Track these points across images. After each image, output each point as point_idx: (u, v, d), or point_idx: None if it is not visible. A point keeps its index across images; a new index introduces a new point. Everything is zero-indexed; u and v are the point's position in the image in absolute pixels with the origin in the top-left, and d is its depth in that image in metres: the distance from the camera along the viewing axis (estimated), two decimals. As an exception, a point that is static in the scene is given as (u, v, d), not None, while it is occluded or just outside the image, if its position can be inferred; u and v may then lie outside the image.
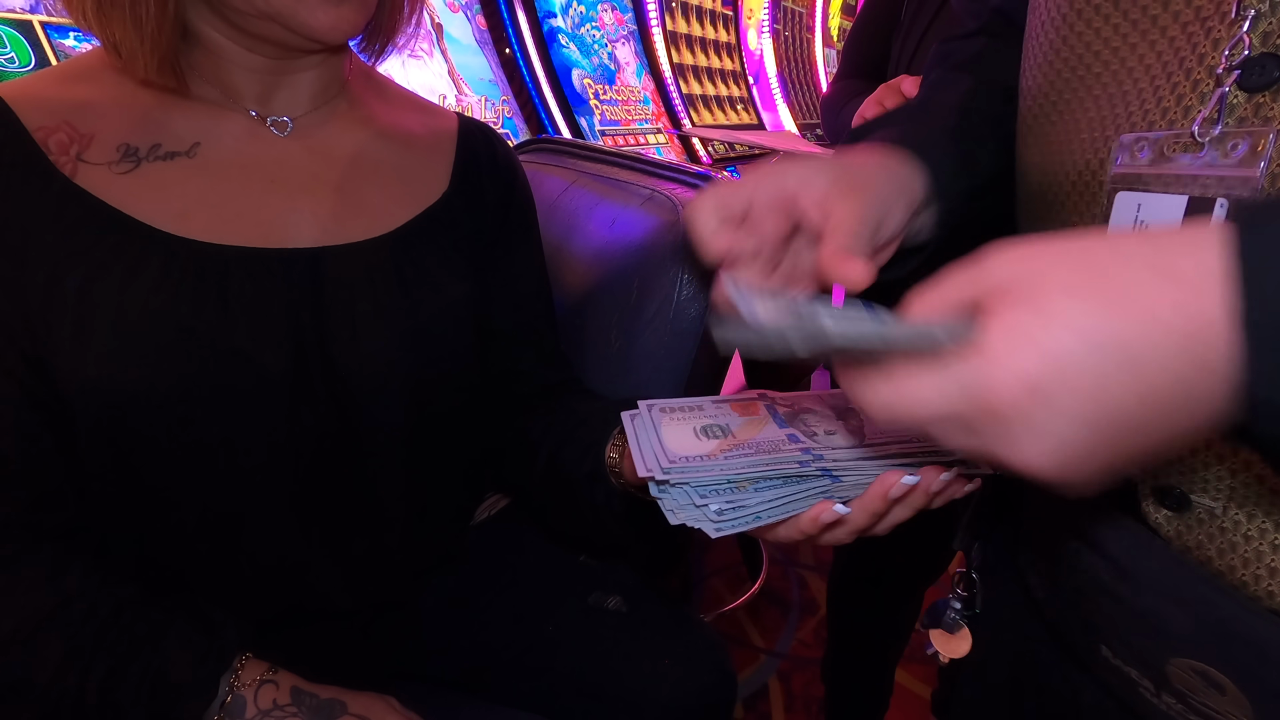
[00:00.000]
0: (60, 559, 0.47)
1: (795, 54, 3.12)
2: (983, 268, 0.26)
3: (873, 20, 1.14)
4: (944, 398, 0.26)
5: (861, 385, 0.28)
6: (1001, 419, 0.24)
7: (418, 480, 0.60)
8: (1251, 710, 0.33)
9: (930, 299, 0.28)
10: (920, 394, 0.26)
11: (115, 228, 0.46)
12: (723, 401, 0.47)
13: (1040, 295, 0.24)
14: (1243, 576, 0.33)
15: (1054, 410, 0.24)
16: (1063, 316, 0.24)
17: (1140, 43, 0.34)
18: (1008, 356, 0.24)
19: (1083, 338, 0.23)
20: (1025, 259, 0.26)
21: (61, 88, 0.49)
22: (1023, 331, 0.24)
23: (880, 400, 0.27)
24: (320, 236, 0.53)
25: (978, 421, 0.25)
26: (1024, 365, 0.24)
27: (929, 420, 0.27)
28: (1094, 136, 0.37)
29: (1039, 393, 0.24)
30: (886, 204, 0.40)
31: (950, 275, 0.27)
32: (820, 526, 0.38)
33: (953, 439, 0.27)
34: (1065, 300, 0.24)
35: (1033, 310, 0.24)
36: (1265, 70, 0.29)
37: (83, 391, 0.46)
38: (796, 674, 1.46)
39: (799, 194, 0.39)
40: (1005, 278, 0.25)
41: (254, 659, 0.49)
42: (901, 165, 0.42)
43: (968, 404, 0.25)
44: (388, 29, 0.58)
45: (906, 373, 0.26)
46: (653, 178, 0.73)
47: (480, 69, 1.67)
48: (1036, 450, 0.24)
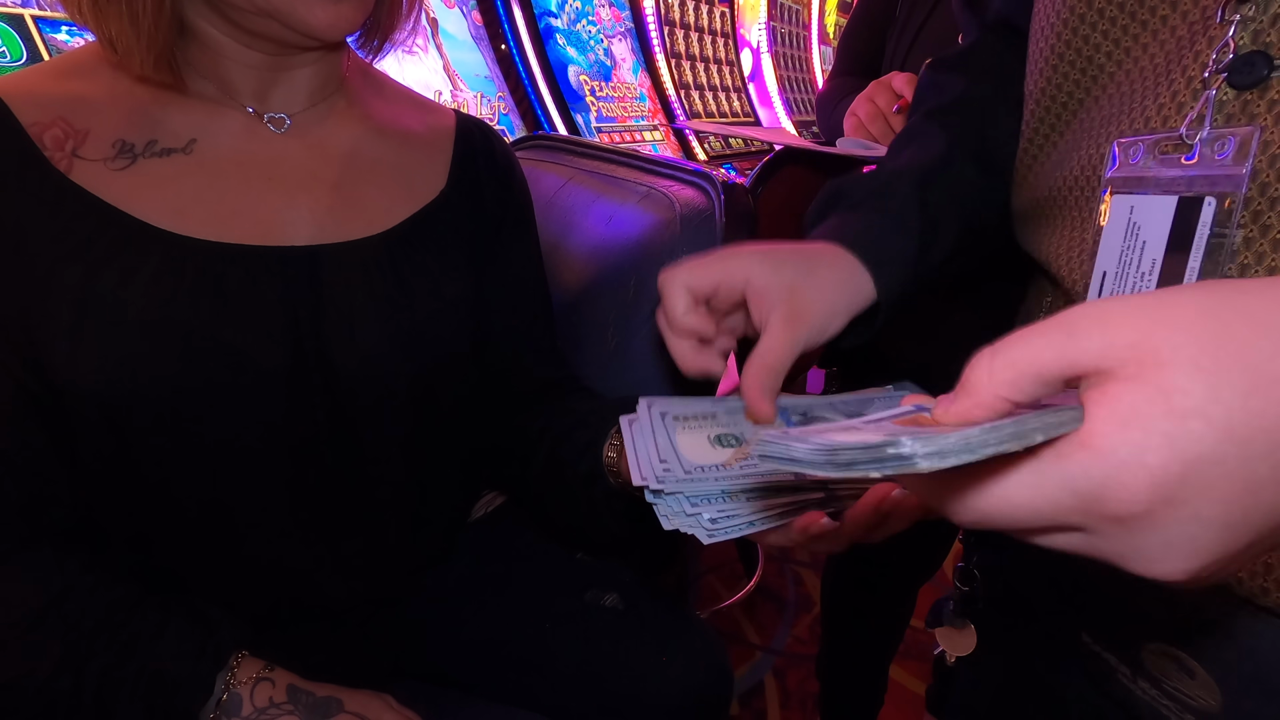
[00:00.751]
0: (56, 556, 0.47)
1: (792, 51, 3.12)
2: (1074, 334, 0.21)
3: (867, 18, 1.14)
4: (1049, 503, 0.21)
5: (943, 494, 0.24)
6: (1124, 525, 0.21)
7: (415, 478, 0.59)
8: (1219, 693, 0.34)
9: (1003, 360, 0.23)
10: (1018, 500, 0.22)
11: (112, 225, 0.46)
12: (735, 408, 0.47)
13: (1160, 372, 0.20)
14: None
15: (1189, 517, 0.20)
16: (1187, 398, 0.20)
17: (1134, 46, 0.35)
18: (1131, 456, 0.20)
19: (1220, 427, 0.19)
20: (1137, 324, 0.21)
21: (56, 83, 0.48)
22: (1143, 420, 0.20)
23: (969, 510, 0.23)
24: (318, 234, 0.53)
25: (1096, 529, 0.22)
26: (1152, 468, 0.20)
27: (1035, 526, 0.23)
28: (1097, 139, 0.37)
29: (1170, 499, 0.20)
30: (822, 328, 0.44)
31: (1031, 342, 0.22)
32: (808, 536, 0.39)
33: (1068, 547, 0.23)
34: (1193, 378, 0.20)
35: (1153, 392, 0.20)
36: (1254, 68, 0.29)
37: (79, 389, 0.46)
38: (792, 670, 1.47)
39: (752, 299, 0.43)
40: (1109, 349, 0.21)
41: (250, 656, 0.49)
42: (852, 277, 0.45)
43: (1082, 510, 0.21)
44: (386, 26, 0.57)
45: (997, 476, 0.22)
46: (649, 174, 0.73)
47: (476, 65, 1.67)
48: (1173, 563, 0.21)
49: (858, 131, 0.91)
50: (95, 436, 0.48)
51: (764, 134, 1.96)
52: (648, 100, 2.20)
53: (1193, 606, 0.34)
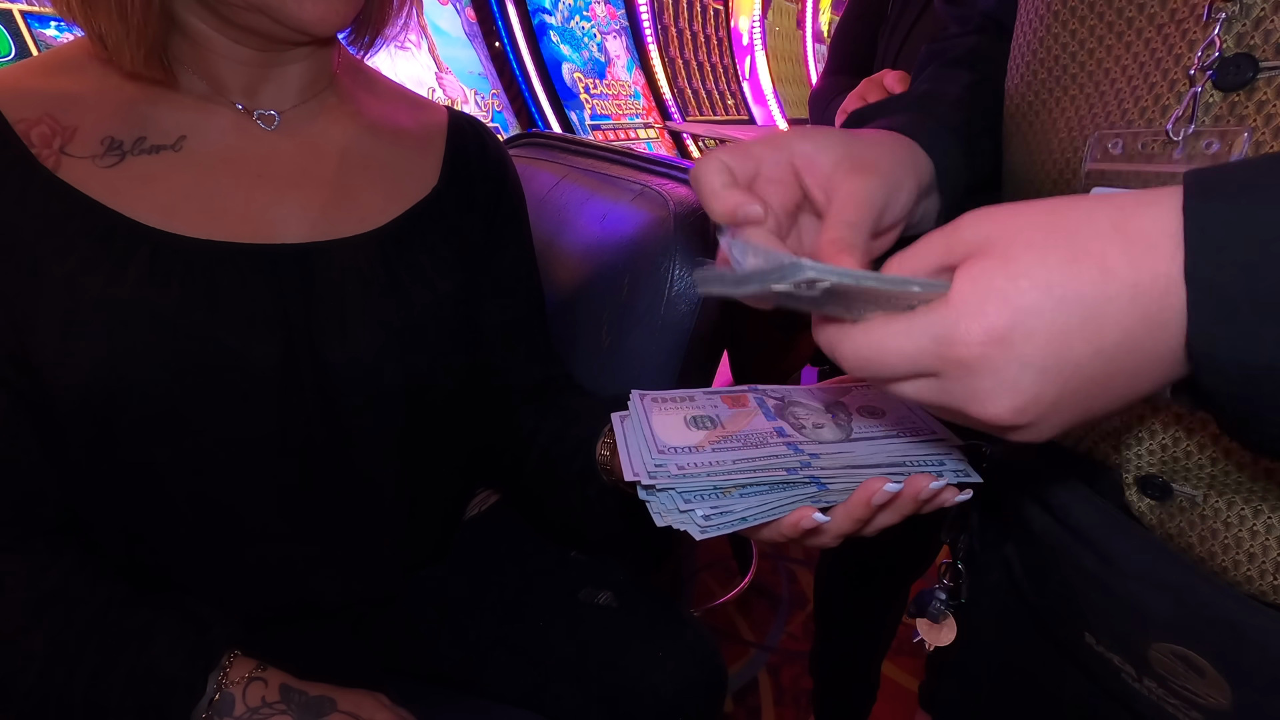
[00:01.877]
0: (46, 556, 0.47)
1: (786, 50, 3.12)
2: (956, 228, 0.27)
3: (859, 16, 1.15)
4: (915, 346, 0.26)
5: (838, 337, 0.29)
6: (967, 368, 0.25)
7: (408, 476, 0.59)
8: (1230, 692, 0.34)
9: (907, 259, 0.29)
10: (892, 342, 0.27)
11: (100, 222, 0.46)
12: (713, 393, 0.48)
13: (1007, 250, 0.25)
14: (1222, 562, 0.34)
15: (1017, 360, 0.25)
16: (1027, 270, 0.25)
17: (1116, 44, 0.35)
18: (975, 308, 0.25)
19: (1045, 290, 0.24)
20: (996, 218, 0.27)
21: (43, 79, 0.48)
22: (989, 283, 0.25)
23: (854, 349, 0.28)
24: (309, 232, 0.52)
25: (945, 371, 0.26)
26: (990, 316, 0.25)
27: (900, 370, 0.27)
28: (1072, 136, 0.37)
29: (1003, 343, 0.25)
30: (894, 184, 0.38)
31: (927, 237, 0.28)
32: (800, 531, 0.39)
33: (921, 394, 0.28)
34: (1029, 254, 0.25)
35: (999, 264, 0.25)
36: (1240, 70, 0.29)
37: (68, 387, 0.45)
38: (786, 667, 1.47)
39: (805, 168, 0.37)
40: (977, 236, 0.26)
41: (242, 656, 0.48)
42: (910, 151, 0.41)
43: (936, 353, 0.26)
44: (377, 22, 0.57)
45: (881, 324, 0.28)
46: (644, 173, 0.73)
47: (470, 62, 1.66)
48: (1000, 401, 0.25)
49: (850, 129, 0.91)
50: (84, 435, 0.47)
51: (756, 134, 1.96)
52: (642, 98, 2.20)
53: (1201, 606, 0.34)
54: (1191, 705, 0.36)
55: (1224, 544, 0.33)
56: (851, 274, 0.26)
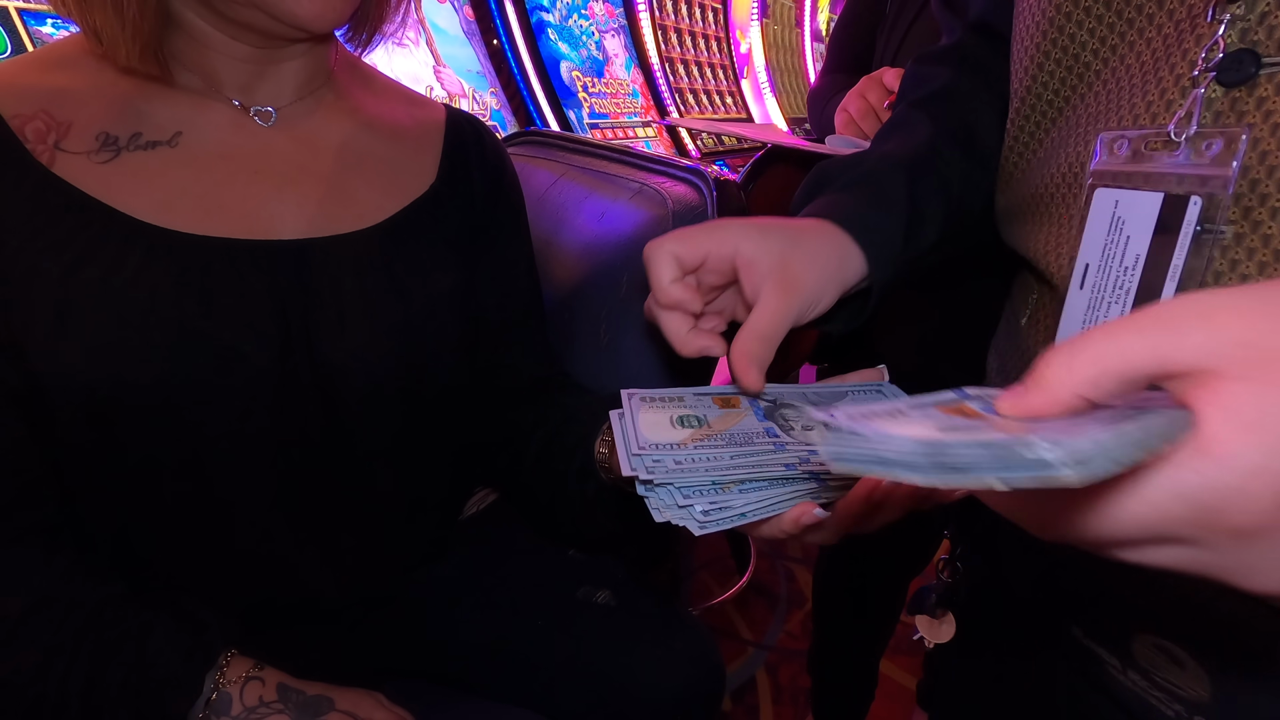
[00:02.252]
0: (41, 555, 0.46)
1: (784, 49, 3.12)
2: (1173, 328, 0.20)
3: (858, 15, 1.15)
4: (1158, 515, 0.20)
5: (1038, 512, 0.22)
6: (1241, 537, 0.19)
7: (406, 474, 0.59)
8: (1209, 683, 0.34)
9: (1081, 367, 0.20)
10: (1126, 514, 0.20)
11: (95, 218, 0.45)
12: (705, 393, 0.47)
13: (1272, 369, 0.18)
14: None
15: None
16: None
17: (1120, 44, 0.35)
18: (1249, 457, 0.18)
19: None
20: (1242, 319, 0.19)
21: (38, 75, 0.48)
22: (1264, 421, 0.18)
23: (1072, 530, 0.21)
24: (306, 228, 0.52)
25: (1207, 541, 0.20)
26: (1273, 468, 0.18)
27: (1134, 542, 0.21)
28: (1085, 136, 0.37)
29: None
30: (815, 299, 0.43)
31: (1118, 331, 0.20)
32: (800, 527, 0.39)
33: (1160, 559, 0.22)
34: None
35: (1273, 391, 0.18)
36: (1242, 66, 0.29)
37: (62, 385, 0.45)
38: (784, 666, 1.47)
39: (743, 269, 0.42)
40: (1216, 346, 0.19)
41: (239, 656, 0.48)
42: (842, 251, 0.45)
43: (1193, 521, 0.19)
44: (375, 19, 0.57)
45: (1104, 490, 0.20)
46: (642, 171, 0.73)
47: (468, 60, 1.66)
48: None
49: (849, 127, 0.91)
50: (79, 433, 0.47)
51: (755, 131, 1.96)
52: (640, 97, 2.19)
53: (1181, 598, 0.34)
54: (1173, 697, 0.36)
55: None
56: (1101, 448, 0.18)
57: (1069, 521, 0.21)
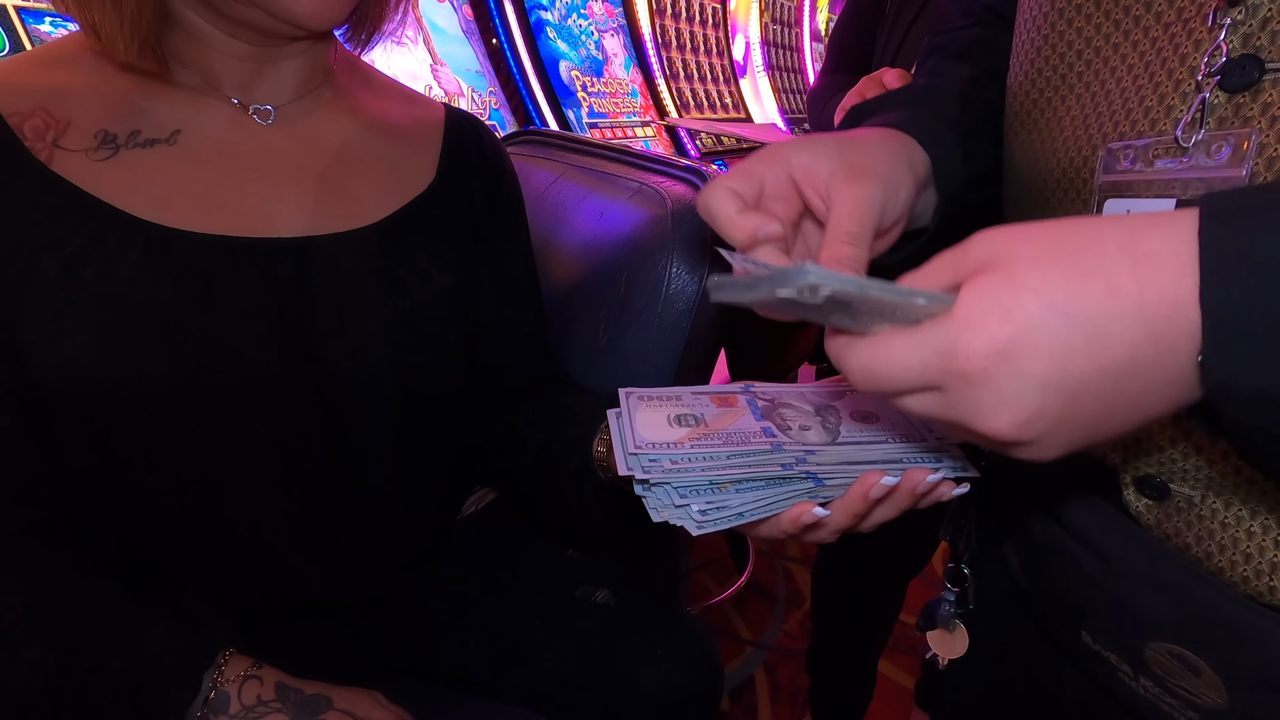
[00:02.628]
0: (39, 553, 0.46)
1: (784, 48, 3.12)
2: (965, 247, 0.28)
3: (858, 15, 1.15)
4: (919, 359, 0.26)
5: (844, 349, 0.29)
6: (970, 381, 0.25)
7: (404, 473, 0.59)
8: (1225, 691, 0.34)
9: (919, 277, 0.29)
10: (897, 355, 0.27)
11: (94, 216, 0.45)
12: (702, 393, 0.47)
13: (1013, 266, 0.25)
14: (1219, 563, 0.34)
15: (1019, 375, 0.24)
16: (1031, 286, 0.24)
17: (1123, 43, 0.34)
18: (978, 322, 0.25)
19: (1049, 306, 0.24)
20: (1004, 236, 0.27)
21: (37, 72, 0.48)
22: (993, 299, 0.25)
23: (859, 362, 0.28)
24: (305, 227, 0.52)
25: (948, 385, 0.26)
26: (992, 330, 0.24)
27: (905, 383, 0.27)
28: (1078, 137, 0.37)
29: (1005, 356, 0.24)
30: (892, 186, 0.38)
31: (938, 256, 0.28)
32: (800, 527, 0.39)
33: (926, 408, 0.28)
34: (1035, 271, 0.25)
35: (1004, 280, 0.25)
36: (1245, 71, 0.29)
37: (60, 383, 0.45)
38: (782, 666, 1.47)
39: (803, 180, 0.38)
40: (985, 253, 0.26)
41: (238, 654, 0.48)
42: (906, 148, 0.41)
43: (940, 366, 0.26)
44: (375, 18, 0.57)
45: (887, 337, 0.28)
46: (641, 170, 0.73)
47: (467, 59, 1.66)
48: (1002, 415, 0.25)
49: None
50: (77, 431, 0.47)
51: (754, 131, 1.96)
52: (640, 96, 2.19)
53: (1197, 606, 0.34)
54: (1188, 705, 0.36)
55: (1220, 544, 0.33)
56: (855, 282, 0.26)
57: (863, 358, 0.28)
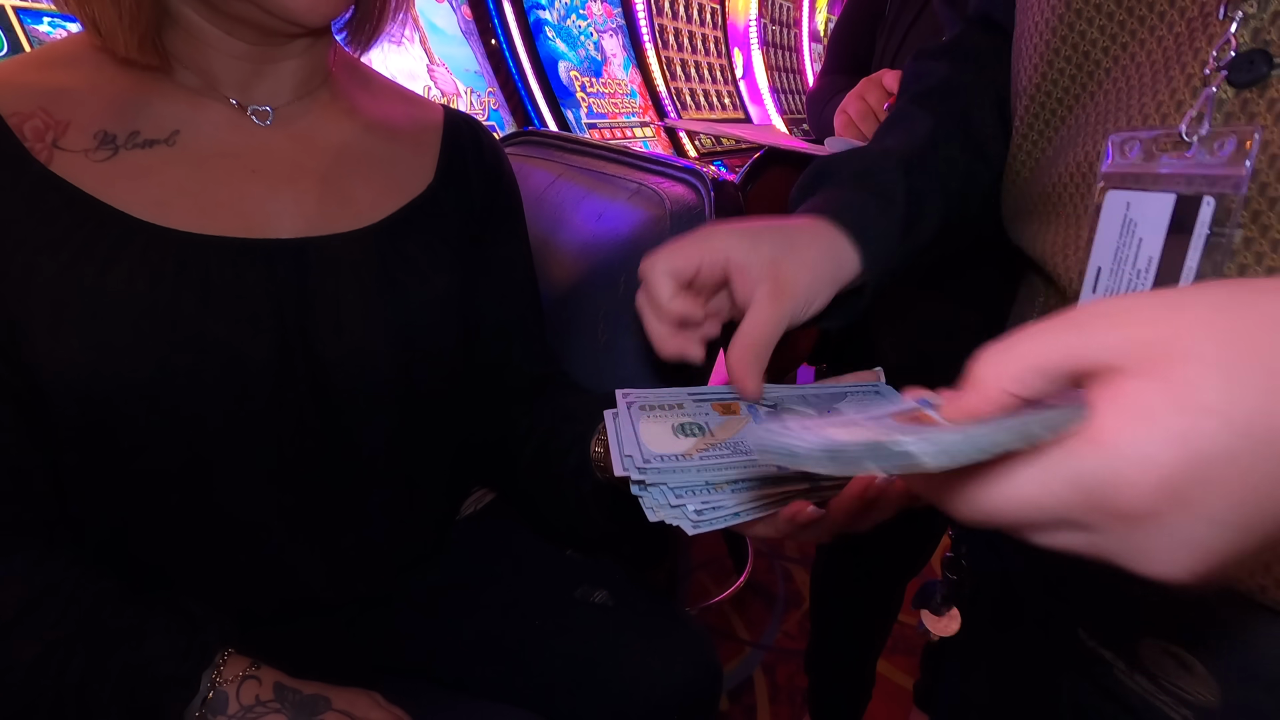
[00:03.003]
0: (37, 553, 0.46)
1: (782, 49, 3.13)
2: (1085, 329, 0.21)
3: (857, 16, 1.15)
4: (1054, 499, 0.21)
5: (947, 493, 0.24)
6: (1128, 521, 0.20)
7: (402, 473, 0.59)
8: (1218, 689, 0.34)
9: (1012, 356, 0.22)
10: (1022, 496, 0.22)
11: (93, 216, 0.45)
12: (703, 399, 0.47)
13: (1173, 369, 0.20)
14: None
15: (1196, 515, 0.20)
16: (1201, 395, 0.19)
17: (1131, 42, 0.34)
18: (1138, 451, 0.20)
19: (1234, 425, 0.19)
20: (1147, 321, 0.20)
21: (37, 73, 0.48)
22: (1150, 413, 0.20)
23: (971, 507, 0.23)
24: (304, 227, 0.52)
25: (1099, 526, 0.21)
26: (1156, 457, 0.19)
27: (1036, 522, 0.23)
28: (1094, 135, 0.37)
29: (1181, 498, 0.19)
30: (808, 301, 0.43)
31: (1038, 334, 0.22)
32: (795, 525, 0.39)
33: (1068, 545, 0.23)
34: (1208, 376, 0.19)
35: (1166, 388, 0.20)
36: (1254, 66, 0.29)
37: (59, 383, 0.45)
38: (781, 666, 1.47)
39: (734, 274, 0.42)
40: (1121, 345, 0.21)
41: (236, 654, 0.48)
42: (835, 253, 0.45)
43: (1085, 506, 0.21)
44: (375, 19, 0.57)
45: (1000, 472, 0.22)
46: (640, 171, 0.73)
47: (466, 60, 1.66)
48: (1178, 563, 0.21)
49: (848, 129, 0.91)
50: (75, 431, 0.47)
51: (753, 132, 1.96)
52: (639, 97, 2.19)
53: (1192, 604, 0.34)
54: (1182, 702, 0.36)
55: None
56: (968, 441, 0.20)
57: (977, 502, 0.23)
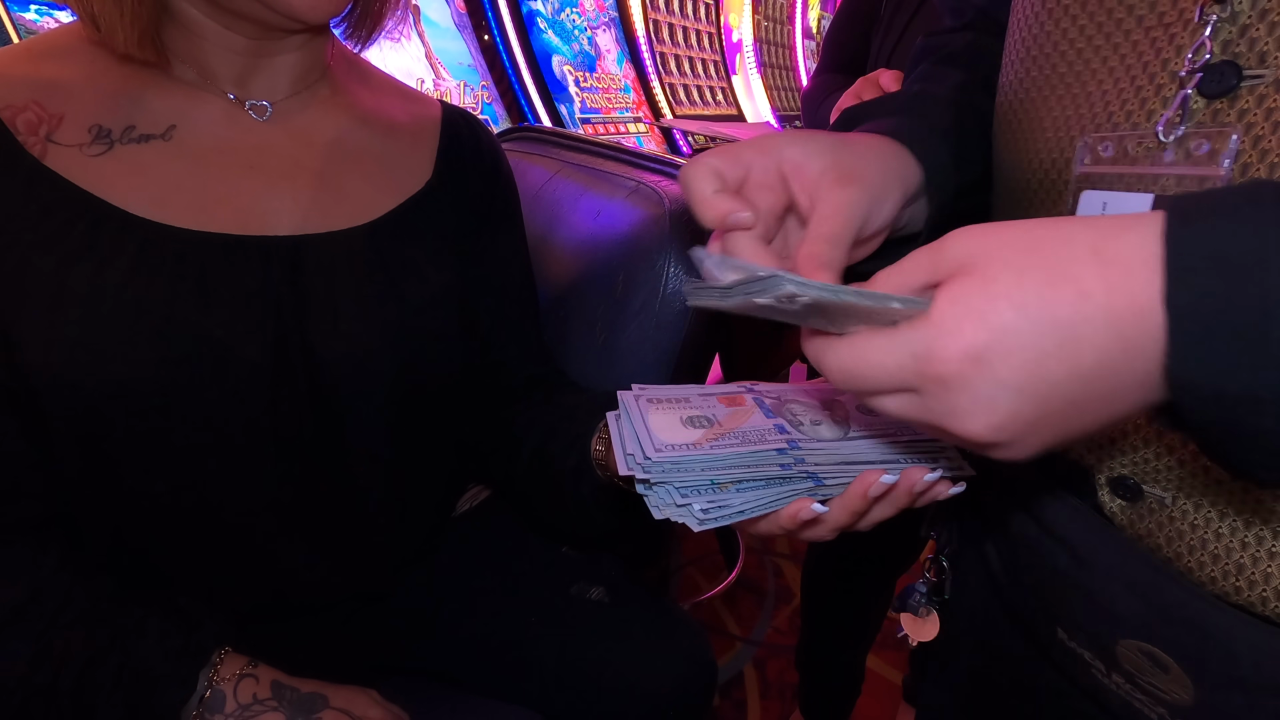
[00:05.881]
0: (33, 552, 0.46)
1: (776, 45, 3.13)
2: (941, 247, 0.28)
3: (853, 15, 1.15)
4: (895, 361, 0.27)
5: (822, 349, 0.30)
6: (945, 385, 0.26)
7: (399, 472, 0.59)
8: (1192, 688, 0.35)
9: (894, 275, 0.29)
10: (874, 357, 0.28)
11: (88, 212, 0.45)
12: (709, 393, 0.48)
13: (987, 270, 0.26)
14: (1188, 563, 0.34)
15: (993, 379, 0.25)
16: (1005, 290, 0.25)
17: (1104, 45, 0.35)
18: (954, 327, 0.25)
19: (1022, 311, 0.25)
20: (978, 238, 0.27)
21: (29, 65, 0.47)
22: (968, 303, 0.26)
23: (838, 362, 0.29)
24: (301, 224, 0.52)
25: (924, 388, 0.27)
26: (967, 335, 0.25)
27: (882, 384, 0.28)
28: (1059, 135, 0.37)
29: (980, 361, 0.25)
30: (878, 195, 0.38)
31: (913, 255, 0.29)
32: (799, 523, 0.39)
33: (902, 409, 0.28)
34: (1008, 275, 0.25)
35: (979, 284, 0.26)
36: (1224, 78, 0.30)
37: (54, 381, 0.45)
38: (771, 661, 1.48)
39: (792, 175, 0.37)
40: (960, 255, 0.27)
41: (233, 653, 0.48)
42: (897, 157, 0.40)
43: (915, 370, 0.26)
44: (376, 14, 0.56)
45: (864, 338, 0.28)
46: (638, 169, 0.73)
47: (459, 54, 1.65)
48: (976, 418, 0.26)
49: (844, 128, 0.91)
50: (71, 429, 0.46)
51: (748, 132, 1.96)
52: (632, 92, 2.19)
53: (1167, 605, 0.35)
54: (1158, 701, 0.37)
55: (1190, 545, 0.34)
56: (831, 289, 0.27)
57: (840, 358, 0.29)
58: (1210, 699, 0.34)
